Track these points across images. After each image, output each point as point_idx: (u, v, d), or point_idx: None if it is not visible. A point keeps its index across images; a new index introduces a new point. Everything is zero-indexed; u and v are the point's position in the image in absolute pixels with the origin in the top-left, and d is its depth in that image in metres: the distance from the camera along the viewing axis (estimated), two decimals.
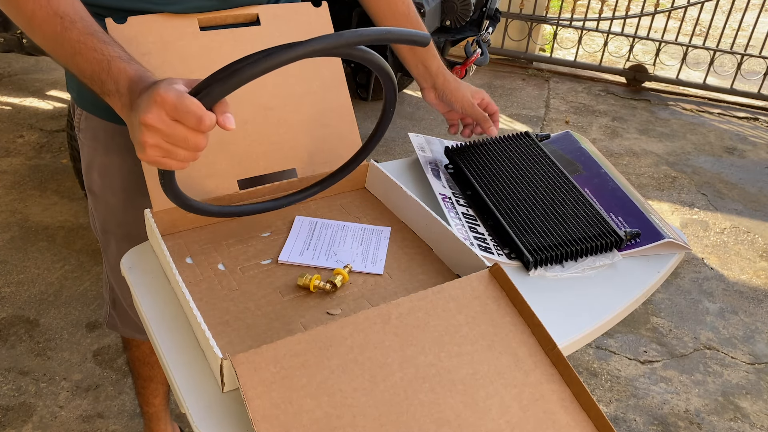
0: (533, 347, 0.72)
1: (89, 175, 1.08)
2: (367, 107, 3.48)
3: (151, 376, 1.42)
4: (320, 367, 0.67)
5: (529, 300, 0.75)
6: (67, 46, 0.78)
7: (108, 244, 1.12)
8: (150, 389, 1.45)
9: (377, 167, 1.01)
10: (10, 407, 1.72)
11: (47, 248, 2.29)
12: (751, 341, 2.13)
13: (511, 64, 4.14)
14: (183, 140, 0.66)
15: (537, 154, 1.12)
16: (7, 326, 1.96)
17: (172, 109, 0.64)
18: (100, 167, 1.06)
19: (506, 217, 0.99)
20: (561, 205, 1.02)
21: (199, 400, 0.68)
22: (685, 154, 3.27)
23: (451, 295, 0.76)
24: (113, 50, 0.77)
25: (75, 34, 0.77)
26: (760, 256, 2.55)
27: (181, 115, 0.64)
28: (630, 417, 1.83)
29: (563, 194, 1.04)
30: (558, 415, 0.67)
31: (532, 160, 1.11)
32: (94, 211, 1.13)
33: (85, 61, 0.77)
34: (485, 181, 1.06)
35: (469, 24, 2.47)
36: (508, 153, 1.12)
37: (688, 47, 3.82)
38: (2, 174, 2.69)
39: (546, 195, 1.04)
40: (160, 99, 0.65)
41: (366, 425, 0.63)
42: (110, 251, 1.12)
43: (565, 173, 1.08)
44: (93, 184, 1.08)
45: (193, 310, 0.71)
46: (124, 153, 1.01)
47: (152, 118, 0.65)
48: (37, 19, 0.78)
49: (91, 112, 1.03)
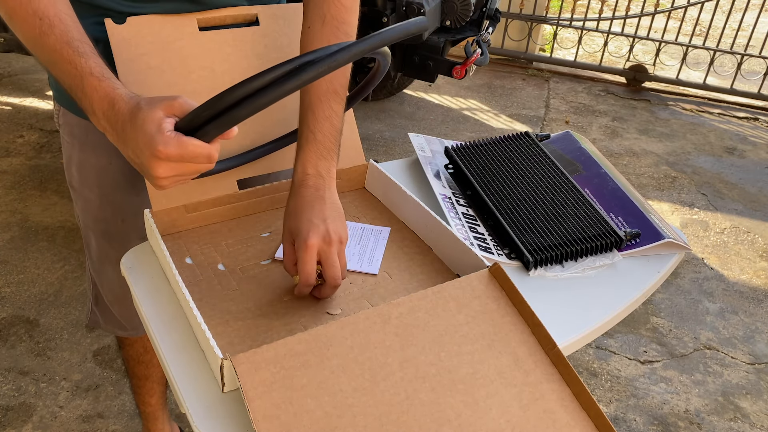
0: (533, 347, 0.72)
1: (69, 170, 1.08)
2: (367, 107, 3.48)
3: (147, 374, 1.42)
4: (320, 367, 0.67)
5: (529, 300, 0.75)
6: (46, 53, 0.75)
7: (89, 240, 1.12)
8: (146, 388, 1.45)
9: (377, 167, 1.01)
10: (10, 407, 1.72)
11: (47, 248, 2.29)
12: (751, 341, 2.13)
13: (511, 64, 4.14)
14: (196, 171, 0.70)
15: (537, 154, 1.12)
16: (7, 326, 1.96)
17: (179, 159, 0.66)
18: (78, 163, 1.05)
19: (506, 217, 0.99)
20: (561, 205, 1.02)
21: (199, 400, 0.68)
22: (685, 154, 3.27)
23: (451, 295, 0.76)
24: (86, 63, 0.73)
25: (52, 41, 0.74)
26: (760, 256, 2.55)
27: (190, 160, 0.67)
28: (630, 417, 1.83)
29: (563, 194, 1.04)
30: (558, 414, 0.67)
31: (532, 160, 1.11)
32: (75, 206, 1.13)
33: (61, 73, 0.75)
34: (485, 181, 1.06)
35: (469, 24, 2.47)
36: (507, 153, 1.12)
37: (688, 47, 3.82)
38: (2, 174, 2.69)
39: (546, 195, 1.04)
40: (164, 156, 0.66)
41: (366, 425, 0.63)
42: (91, 247, 1.13)
43: (565, 173, 1.08)
44: (72, 179, 1.08)
45: (193, 310, 0.71)
46: (98, 150, 1.01)
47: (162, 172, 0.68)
48: (17, 17, 0.75)
49: (68, 109, 1.03)
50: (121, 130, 0.71)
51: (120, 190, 1.03)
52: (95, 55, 0.75)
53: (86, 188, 1.06)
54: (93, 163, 1.03)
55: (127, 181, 1.03)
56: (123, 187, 1.03)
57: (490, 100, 3.69)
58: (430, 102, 3.63)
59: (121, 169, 1.02)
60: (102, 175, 1.03)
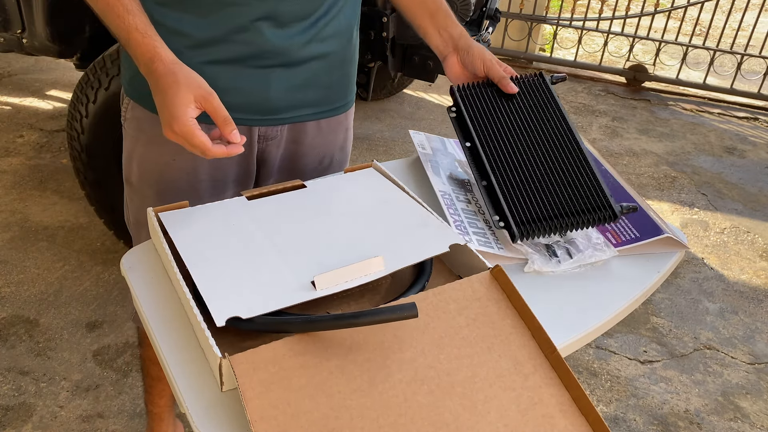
0: (533, 350, 0.72)
1: (129, 165, 1.09)
2: (367, 107, 3.48)
3: (160, 376, 1.42)
4: (319, 368, 0.67)
5: (528, 299, 0.75)
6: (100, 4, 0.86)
7: (140, 237, 1.13)
8: (157, 389, 1.45)
9: (378, 166, 1.01)
10: (10, 407, 1.72)
11: (47, 248, 2.29)
12: (751, 341, 2.13)
13: (511, 64, 4.14)
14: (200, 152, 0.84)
15: (546, 100, 1.05)
16: (7, 326, 1.96)
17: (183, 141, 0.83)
18: (140, 158, 1.07)
19: (501, 180, 0.96)
20: (560, 168, 0.98)
21: (199, 399, 0.68)
22: (685, 154, 3.27)
23: (452, 297, 0.76)
24: (132, 20, 0.84)
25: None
26: (760, 256, 2.55)
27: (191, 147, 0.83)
28: (630, 417, 1.83)
29: (564, 153, 0.99)
30: (556, 419, 0.67)
31: (539, 107, 1.04)
32: (129, 202, 1.14)
33: (115, 28, 0.86)
34: (486, 130, 1.00)
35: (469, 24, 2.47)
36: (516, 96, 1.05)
37: (688, 47, 3.81)
38: (2, 174, 2.69)
39: (547, 152, 0.99)
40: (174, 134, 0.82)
41: (364, 426, 0.63)
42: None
43: (570, 126, 1.02)
44: (131, 174, 1.09)
45: (194, 309, 0.71)
46: (163, 147, 1.01)
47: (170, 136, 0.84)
48: None
49: (138, 102, 1.04)
50: (154, 84, 0.84)
51: (178, 189, 1.05)
52: (141, 14, 0.86)
53: (145, 184, 1.08)
54: (156, 159, 1.05)
55: (186, 182, 1.05)
56: (181, 187, 1.05)
57: None
58: (430, 102, 3.63)
59: (183, 168, 1.04)
60: (164, 171, 1.05)
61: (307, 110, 1.09)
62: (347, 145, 1.22)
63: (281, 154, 1.12)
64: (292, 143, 1.12)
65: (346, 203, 0.93)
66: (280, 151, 1.12)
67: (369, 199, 0.94)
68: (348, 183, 0.99)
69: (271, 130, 1.08)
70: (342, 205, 0.93)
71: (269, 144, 1.09)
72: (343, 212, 0.91)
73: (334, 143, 1.17)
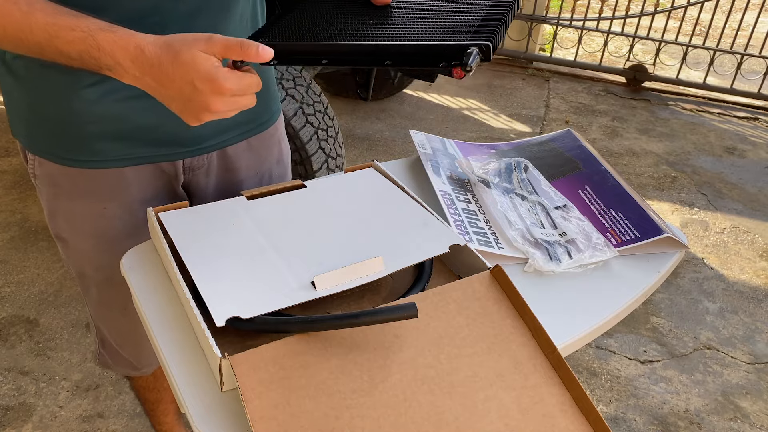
0: (533, 350, 0.72)
1: (54, 221, 1.00)
2: (367, 107, 3.48)
3: (159, 399, 1.41)
4: (319, 368, 0.67)
5: (528, 299, 0.75)
6: (37, 32, 0.70)
7: (89, 289, 1.07)
8: (160, 410, 1.44)
9: (378, 166, 1.01)
10: (10, 407, 1.72)
11: (47, 248, 2.29)
12: (751, 341, 2.13)
13: (511, 64, 4.14)
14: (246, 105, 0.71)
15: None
16: (7, 326, 1.96)
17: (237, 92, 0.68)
18: (66, 213, 0.98)
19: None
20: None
21: (199, 400, 0.68)
22: (685, 154, 3.27)
23: (452, 297, 0.75)
24: (91, 22, 0.70)
25: (41, 17, 0.69)
26: (760, 256, 2.55)
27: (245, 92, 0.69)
28: (630, 417, 1.83)
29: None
30: (557, 418, 0.67)
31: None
32: (66, 258, 1.06)
33: (65, 44, 0.70)
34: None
35: None
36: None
37: (688, 47, 3.81)
38: (2, 174, 2.69)
39: None
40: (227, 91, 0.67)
41: (364, 426, 0.63)
42: (92, 295, 1.07)
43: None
44: (61, 230, 1.01)
45: (194, 310, 0.71)
46: (89, 197, 0.95)
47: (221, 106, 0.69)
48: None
49: (46, 158, 0.93)
50: (160, 73, 0.68)
51: (119, 235, 0.98)
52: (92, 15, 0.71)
53: (79, 238, 1.00)
54: (85, 212, 0.97)
55: (125, 226, 0.98)
56: (122, 232, 0.98)
57: (490, 100, 3.69)
58: (430, 102, 3.62)
59: (118, 215, 0.97)
60: (98, 223, 0.97)
61: (233, 132, 1.01)
62: (284, 157, 1.15)
63: (215, 183, 1.05)
64: (225, 171, 1.05)
65: (346, 203, 0.93)
66: (212, 180, 1.04)
67: (369, 200, 0.94)
68: (348, 183, 0.99)
69: (196, 160, 1.00)
70: (342, 205, 0.93)
71: (196, 174, 1.02)
72: (343, 212, 0.91)
73: (268, 159, 1.10)
